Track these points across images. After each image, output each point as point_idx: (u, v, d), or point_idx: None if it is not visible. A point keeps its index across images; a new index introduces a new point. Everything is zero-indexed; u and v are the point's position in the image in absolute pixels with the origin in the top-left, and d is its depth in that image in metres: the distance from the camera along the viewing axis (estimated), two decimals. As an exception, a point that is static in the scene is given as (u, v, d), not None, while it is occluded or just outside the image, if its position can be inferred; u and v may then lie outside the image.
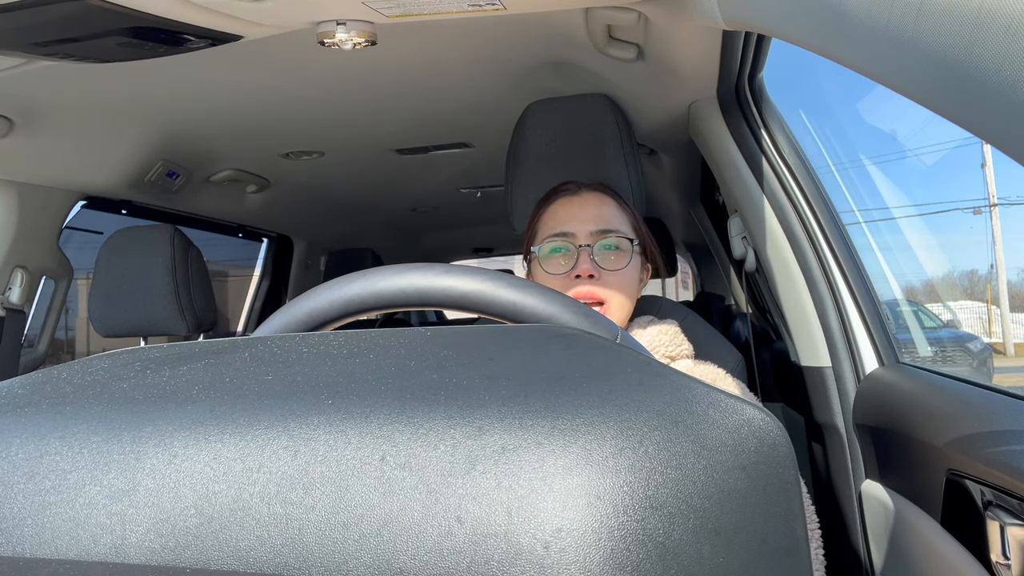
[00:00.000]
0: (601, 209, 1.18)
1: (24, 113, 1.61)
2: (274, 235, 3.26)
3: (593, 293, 1.12)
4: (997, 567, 0.78)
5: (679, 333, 1.19)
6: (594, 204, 1.18)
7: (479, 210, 3.20)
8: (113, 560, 0.33)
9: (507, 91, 1.72)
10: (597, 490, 0.30)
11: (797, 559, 0.32)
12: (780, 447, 0.33)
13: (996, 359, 5.89)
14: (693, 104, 1.51)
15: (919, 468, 0.99)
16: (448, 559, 0.30)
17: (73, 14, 1.01)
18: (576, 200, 1.20)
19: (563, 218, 1.18)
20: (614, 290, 1.13)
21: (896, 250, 1.97)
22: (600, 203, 1.19)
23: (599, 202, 1.19)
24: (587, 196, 1.20)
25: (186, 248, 1.95)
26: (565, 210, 1.19)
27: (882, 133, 3.98)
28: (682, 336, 1.19)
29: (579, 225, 1.16)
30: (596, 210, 1.18)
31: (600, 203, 1.19)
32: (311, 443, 0.33)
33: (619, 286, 1.13)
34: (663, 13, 1.14)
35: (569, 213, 1.18)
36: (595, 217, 1.16)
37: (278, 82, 1.62)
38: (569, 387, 0.34)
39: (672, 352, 1.16)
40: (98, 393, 0.40)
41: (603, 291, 1.12)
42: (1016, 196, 6.95)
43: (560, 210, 1.19)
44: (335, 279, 0.62)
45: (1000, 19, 0.36)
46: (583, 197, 1.20)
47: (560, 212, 1.19)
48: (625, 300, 1.14)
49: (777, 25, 0.68)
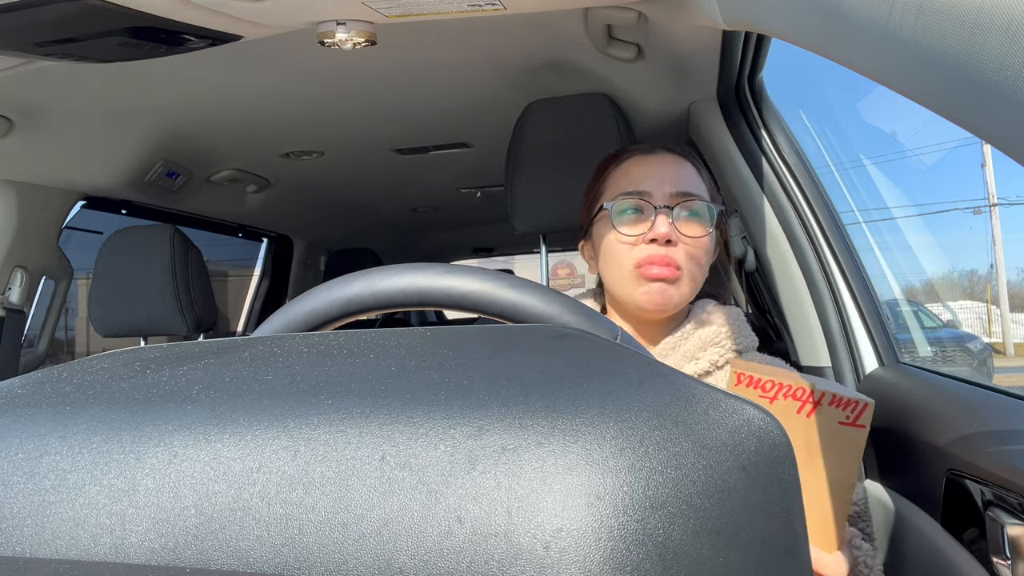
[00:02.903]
0: (681, 170, 1.06)
1: (24, 113, 1.61)
2: (274, 235, 3.26)
3: (670, 258, 1.00)
4: (997, 567, 0.78)
5: (746, 322, 1.09)
6: (672, 164, 1.07)
7: (479, 210, 3.20)
8: (113, 560, 0.33)
9: (507, 91, 1.72)
10: (597, 490, 0.30)
11: (797, 559, 0.32)
12: (780, 447, 0.33)
13: (996, 359, 5.90)
14: (693, 104, 1.51)
15: (919, 468, 0.99)
16: (448, 559, 0.30)
17: (73, 14, 1.01)
18: (652, 159, 1.07)
19: (637, 177, 1.05)
20: (691, 259, 1.02)
21: (896, 250, 1.97)
22: (679, 164, 1.07)
23: (678, 163, 1.07)
24: (664, 156, 1.08)
25: (186, 248, 1.95)
26: (640, 168, 1.06)
27: (882, 133, 3.98)
28: (748, 326, 1.09)
29: (656, 185, 1.03)
30: (675, 170, 1.05)
31: (679, 164, 1.07)
32: (311, 443, 0.33)
33: (695, 257, 1.02)
34: (663, 13, 1.14)
35: (645, 171, 1.05)
36: (675, 178, 1.04)
37: (278, 82, 1.62)
38: (569, 387, 0.34)
39: (739, 344, 1.06)
40: (98, 393, 0.40)
41: (680, 258, 1.01)
42: (1016, 196, 6.95)
43: (634, 168, 1.07)
44: (335, 279, 0.62)
45: (1000, 19, 0.36)
46: (660, 156, 1.08)
47: (634, 170, 1.07)
48: (698, 273, 1.04)
49: (777, 25, 0.68)
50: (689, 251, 1.02)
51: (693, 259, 1.02)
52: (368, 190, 2.80)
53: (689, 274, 1.02)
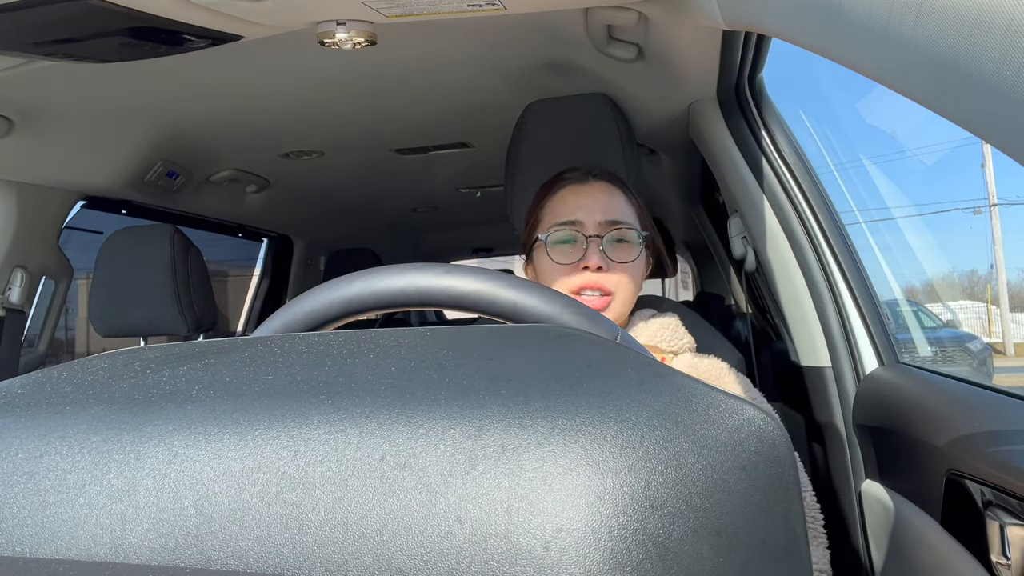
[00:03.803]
0: (611, 199, 1.16)
1: (24, 113, 1.61)
2: (274, 235, 3.26)
3: (601, 284, 1.11)
4: (997, 567, 0.78)
5: (680, 326, 1.18)
6: (603, 194, 1.17)
7: (479, 210, 3.20)
8: (113, 560, 0.33)
9: (507, 91, 1.72)
10: (597, 490, 0.30)
11: (797, 559, 0.32)
12: (780, 447, 0.33)
13: (996, 359, 5.90)
14: (693, 104, 1.51)
15: (919, 468, 0.99)
16: (448, 559, 0.30)
17: (73, 14, 1.01)
18: (585, 189, 1.17)
19: (571, 207, 1.15)
20: (621, 282, 1.13)
21: (896, 250, 1.97)
22: (609, 193, 1.17)
23: (608, 192, 1.17)
24: (595, 185, 1.18)
25: (186, 248, 1.95)
26: (574, 198, 1.16)
27: (882, 133, 3.98)
28: (683, 330, 1.18)
29: (588, 215, 1.14)
30: (606, 200, 1.16)
31: (609, 193, 1.17)
32: (311, 443, 0.33)
33: (626, 278, 1.13)
34: (663, 13, 1.14)
35: (577, 202, 1.16)
36: (604, 207, 1.15)
37: (278, 82, 1.62)
38: (569, 387, 0.34)
39: (674, 346, 1.16)
40: (98, 393, 0.40)
41: (610, 283, 1.12)
42: (1016, 196, 6.96)
43: (568, 198, 1.17)
44: (335, 279, 0.62)
45: (1000, 19, 0.36)
46: (591, 186, 1.18)
47: (568, 200, 1.17)
48: (631, 293, 1.15)
49: (777, 25, 0.68)
50: (620, 276, 1.13)
51: (624, 280, 1.13)
52: (368, 190, 2.80)
53: (622, 295, 1.13)
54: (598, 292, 1.11)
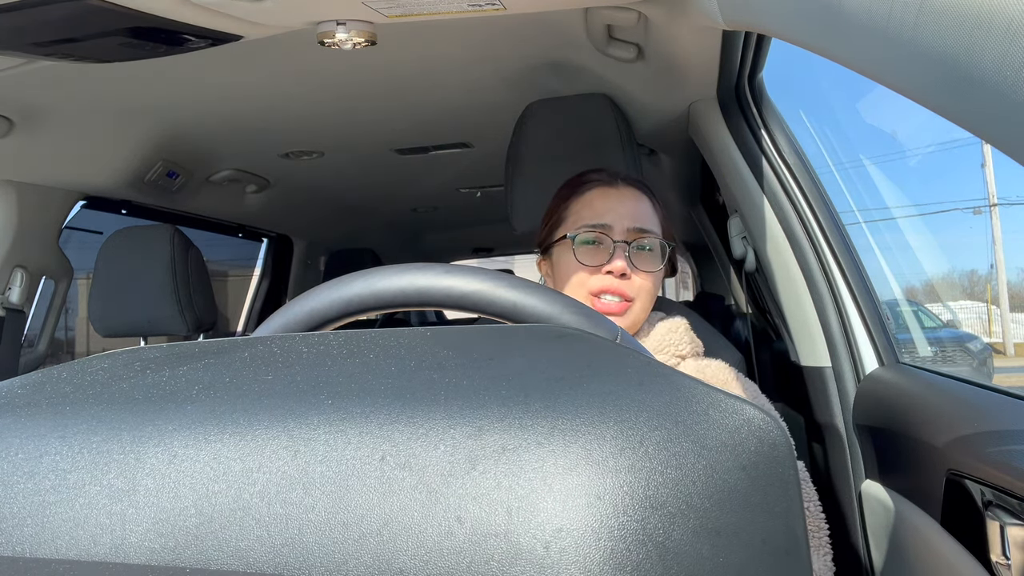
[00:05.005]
0: (639, 206, 1.15)
1: (24, 113, 1.61)
2: (274, 235, 3.26)
3: (623, 290, 1.10)
4: (997, 567, 0.78)
5: (689, 330, 1.18)
6: (632, 199, 1.16)
7: (479, 210, 3.20)
8: (113, 560, 0.33)
9: (507, 91, 1.72)
10: (597, 490, 0.30)
11: (797, 559, 0.32)
12: (780, 447, 0.33)
13: (996, 359, 5.89)
14: (693, 104, 1.51)
15: (919, 468, 0.99)
16: (448, 559, 0.30)
17: (73, 14, 1.01)
18: (614, 192, 1.16)
19: (600, 210, 1.14)
20: (643, 289, 1.12)
21: (896, 250, 1.97)
22: (637, 199, 1.16)
23: (636, 198, 1.16)
24: (624, 190, 1.17)
25: (186, 248, 1.95)
26: (602, 201, 1.15)
27: (882, 133, 3.98)
28: (692, 333, 1.18)
29: (617, 220, 1.13)
30: (634, 206, 1.15)
31: (637, 199, 1.16)
32: (311, 443, 0.33)
33: (648, 286, 1.13)
34: (663, 13, 1.14)
35: (607, 205, 1.14)
36: (633, 214, 1.14)
37: (278, 82, 1.62)
38: (569, 387, 0.34)
39: (683, 350, 1.16)
40: (98, 393, 0.40)
41: (632, 289, 1.11)
42: (1016, 196, 6.96)
43: (597, 200, 1.16)
44: (335, 279, 0.62)
45: (1000, 19, 0.36)
46: (620, 191, 1.17)
47: (597, 202, 1.15)
48: (649, 301, 1.14)
49: (777, 25, 0.68)
50: (642, 283, 1.12)
51: (646, 287, 1.13)
52: (368, 190, 2.80)
53: (642, 302, 1.13)
54: (619, 297, 1.10)
